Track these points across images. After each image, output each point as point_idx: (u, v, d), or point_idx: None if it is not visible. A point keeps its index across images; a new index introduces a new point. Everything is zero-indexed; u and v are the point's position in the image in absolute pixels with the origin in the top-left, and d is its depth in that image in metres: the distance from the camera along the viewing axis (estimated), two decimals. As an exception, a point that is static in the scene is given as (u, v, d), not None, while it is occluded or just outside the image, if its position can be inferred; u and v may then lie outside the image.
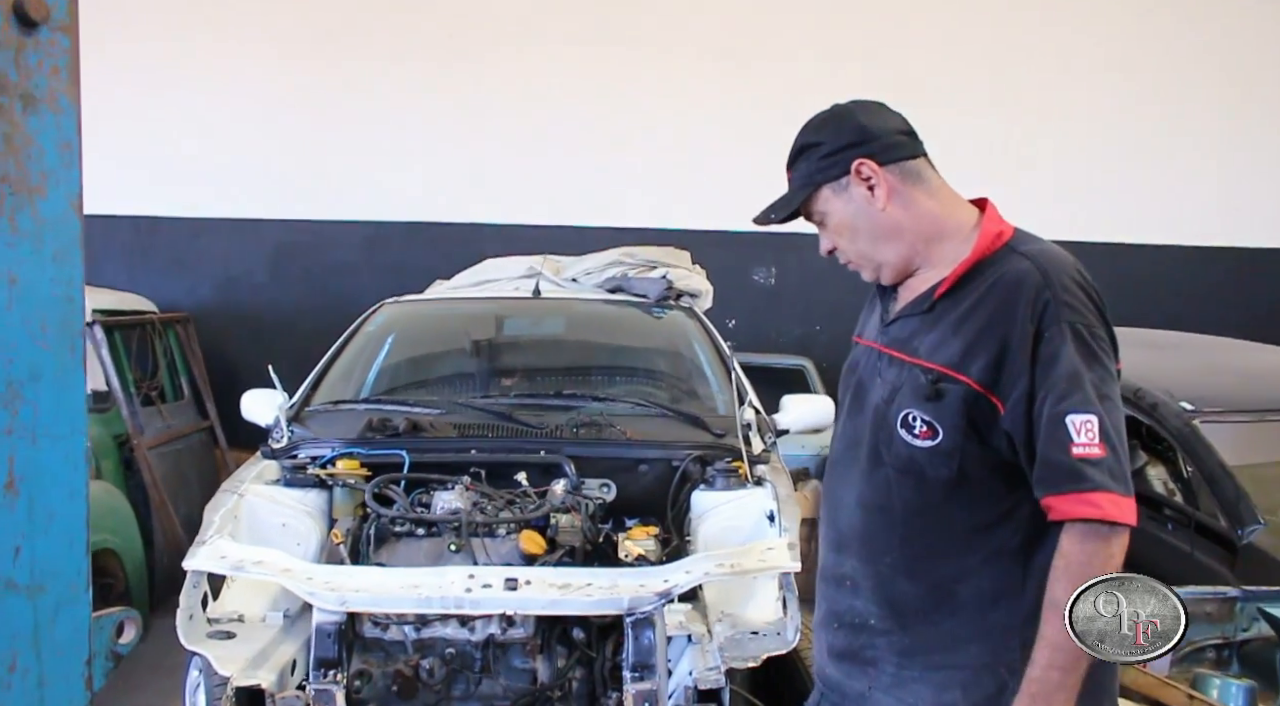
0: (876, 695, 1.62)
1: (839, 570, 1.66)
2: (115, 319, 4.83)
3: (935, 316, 1.56)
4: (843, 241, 1.64)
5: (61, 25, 1.09)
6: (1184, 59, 6.71)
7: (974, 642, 1.55)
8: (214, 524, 2.60)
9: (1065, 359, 1.44)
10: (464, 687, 2.51)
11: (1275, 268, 6.80)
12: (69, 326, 1.10)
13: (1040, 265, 1.50)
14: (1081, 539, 1.42)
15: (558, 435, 3.03)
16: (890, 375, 1.59)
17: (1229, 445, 4.57)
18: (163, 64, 6.28)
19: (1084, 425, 1.41)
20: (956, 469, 1.50)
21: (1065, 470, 1.41)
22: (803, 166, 1.63)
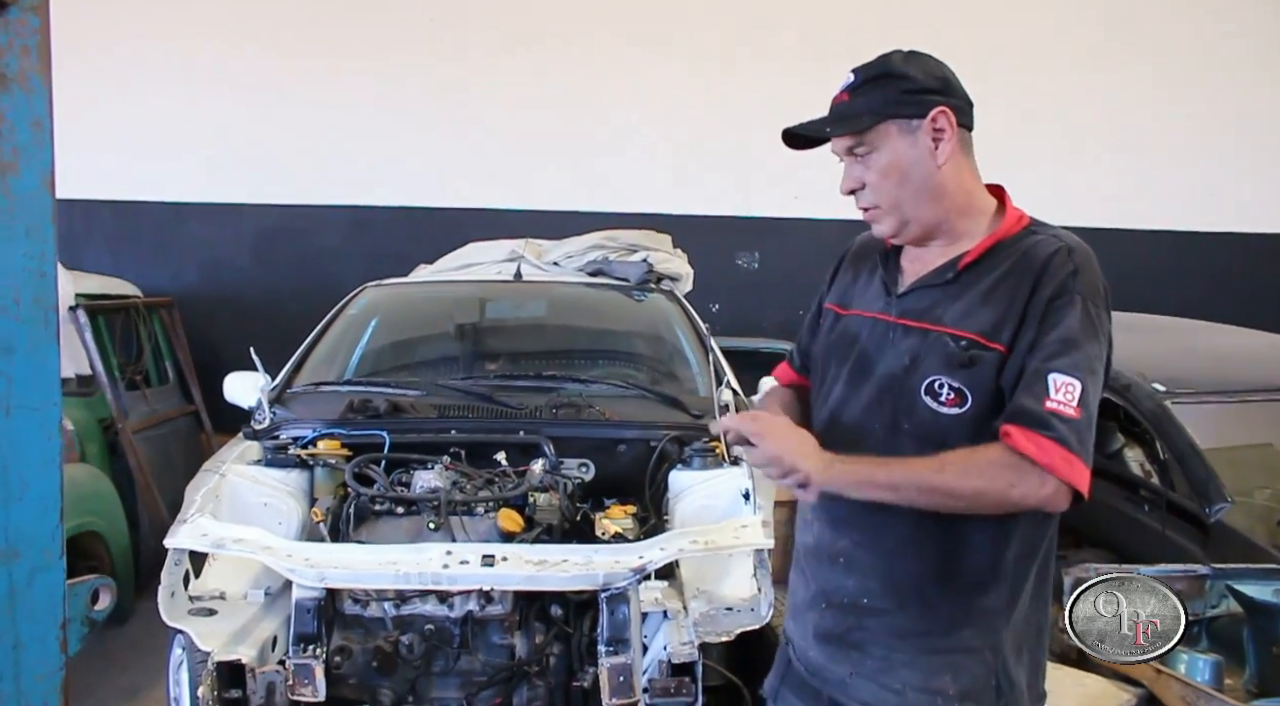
0: (858, 681, 1.60)
1: (835, 547, 1.63)
2: (99, 303, 4.83)
3: (960, 287, 1.56)
4: (886, 185, 1.57)
5: (31, 5, 1.11)
6: (1171, 42, 6.74)
7: (966, 626, 1.56)
8: (195, 503, 2.63)
9: (1066, 324, 1.47)
10: (443, 663, 2.55)
11: (1253, 252, 6.86)
12: (42, 301, 1.13)
13: (1068, 244, 1.54)
14: (1010, 466, 1.42)
15: (537, 416, 3.06)
16: (908, 344, 1.57)
17: (1205, 428, 4.64)
18: (146, 49, 6.25)
19: (1065, 385, 1.43)
20: (974, 435, 1.49)
21: (1034, 415, 1.43)
22: (875, 94, 1.56)
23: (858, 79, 1.58)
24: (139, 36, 6.26)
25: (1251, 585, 2.67)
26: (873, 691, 1.59)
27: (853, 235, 1.82)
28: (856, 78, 1.59)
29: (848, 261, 1.79)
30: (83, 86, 6.15)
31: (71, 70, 6.10)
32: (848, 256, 1.80)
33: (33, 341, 1.11)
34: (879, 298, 1.66)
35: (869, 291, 1.69)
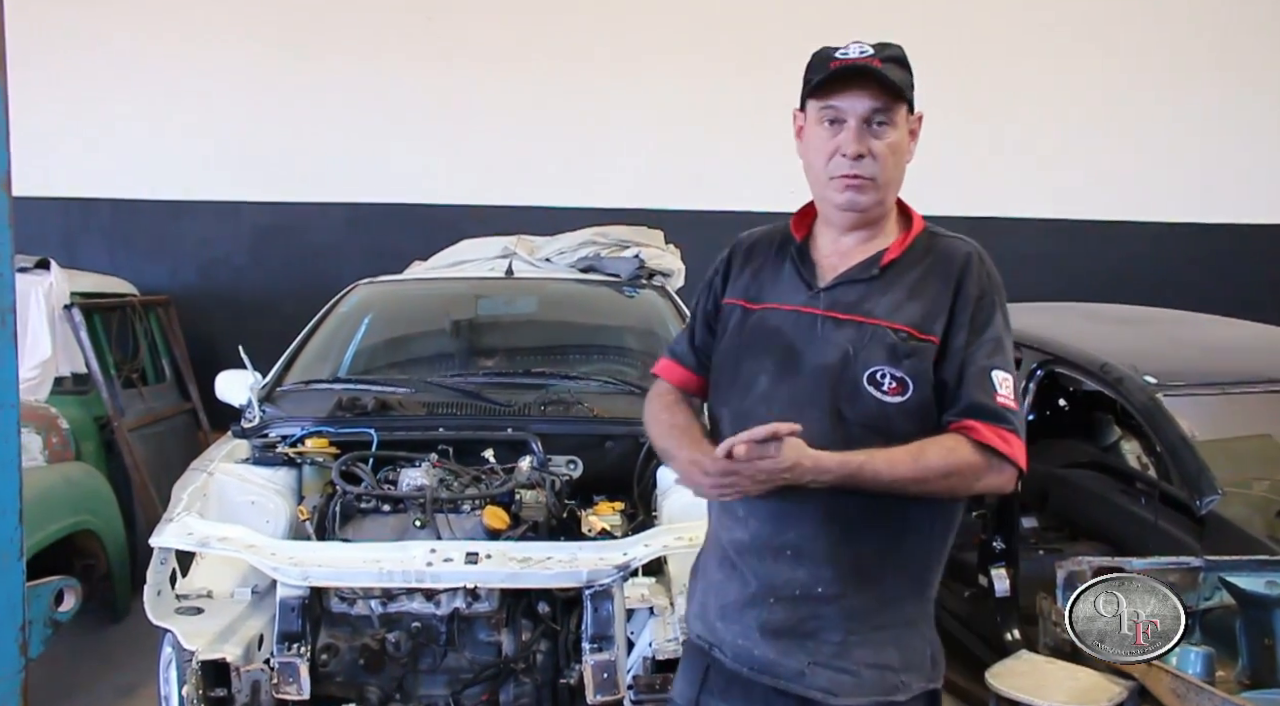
0: (816, 669, 1.62)
1: (779, 540, 1.63)
2: (95, 301, 4.84)
3: (886, 282, 1.65)
4: (889, 161, 1.64)
5: (-14, 9, 1.10)
6: (1165, 33, 6.72)
7: (908, 602, 1.65)
8: (182, 501, 2.65)
9: (995, 325, 1.63)
10: (430, 661, 2.56)
11: (1251, 244, 6.83)
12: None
13: (976, 249, 1.71)
14: (976, 456, 1.56)
15: (526, 413, 3.06)
16: (842, 336, 1.62)
17: (1203, 419, 4.62)
18: (143, 47, 6.25)
19: (1004, 380, 1.60)
20: (918, 424, 1.59)
21: (991, 410, 1.58)
22: (901, 74, 1.63)
23: (881, 53, 1.62)
24: (136, 35, 6.26)
25: (1244, 577, 2.66)
26: (830, 676, 1.61)
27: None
28: (878, 52, 1.62)
29: (738, 258, 1.80)
30: (79, 85, 6.17)
31: (68, 69, 6.14)
32: (737, 254, 1.82)
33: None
34: (798, 291, 1.70)
35: (781, 285, 1.72)
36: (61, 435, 4.16)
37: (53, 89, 6.01)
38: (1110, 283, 6.33)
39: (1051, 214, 6.71)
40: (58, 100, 6.04)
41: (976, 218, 6.63)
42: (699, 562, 1.83)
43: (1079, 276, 6.52)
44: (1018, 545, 3.48)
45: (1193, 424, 4.41)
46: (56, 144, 5.96)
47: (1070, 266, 6.62)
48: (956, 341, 1.60)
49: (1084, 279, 6.46)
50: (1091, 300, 5.05)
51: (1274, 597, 2.60)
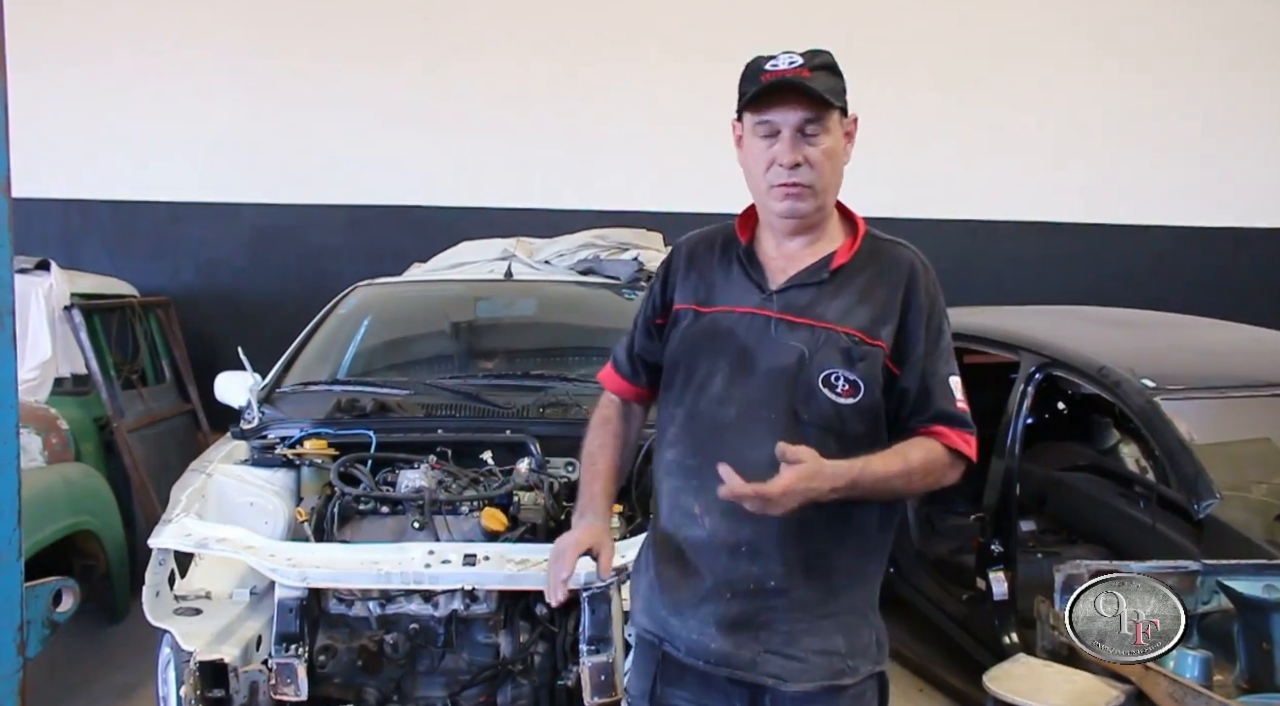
0: (767, 657, 1.69)
1: (734, 537, 1.68)
2: (95, 303, 4.84)
3: (835, 286, 1.71)
4: (826, 167, 1.68)
5: (-14, 12, 1.11)
6: (1166, 37, 6.73)
7: (850, 591, 1.72)
8: (181, 502, 2.65)
9: (945, 333, 1.74)
10: (428, 662, 2.57)
11: (1253, 247, 6.84)
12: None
13: (919, 255, 1.77)
14: (946, 456, 1.68)
15: (524, 415, 3.07)
16: (796, 339, 1.68)
17: (1203, 423, 4.62)
18: (143, 50, 6.27)
19: (957, 385, 1.72)
20: (871, 423, 1.68)
21: (956, 417, 1.70)
22: (830, 81, 1.67)
23: (810, 62, 1.66)
24: (136, 38, 6.27)
25: (1242, 581, 2.66)
26: (780, 663, 1.68)
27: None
28: (808, 61, 1.66)
29: (683, 263, 1.84)
30: (80, 87, 6.18)
31: (68, 71, 6.16)
32: (678, 259, 1.85)
33: (-11, 345, 1.12)
34: (749, 293, 1.74)
35: (732, 288, 1.76)
36: (61, 436, 4.16)
37: (53, 91, 6.03)
38: (1110, 286, 6.35)
39: (1051, 217, 6.72)
40: (58, 102, 6.05)
41: (976, 220, 6.66)
42: (642, 559, 1.87)
43: (1079, 280, 6.54)
44: (1016, 548, 3.48)
45: (1192, 428, 4.41)
46: (57, 145, 5.98)
47: (1070, 270, 6.64)
48: (915, 352, 1.69)
49: (1084, 282, 6.49)
50: (1091, 303, 5.06)
51: (1272, 601, 2.60)
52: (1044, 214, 6.71)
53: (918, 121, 6.51)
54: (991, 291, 6.14)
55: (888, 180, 6.57)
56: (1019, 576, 3.42)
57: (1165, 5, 6.74)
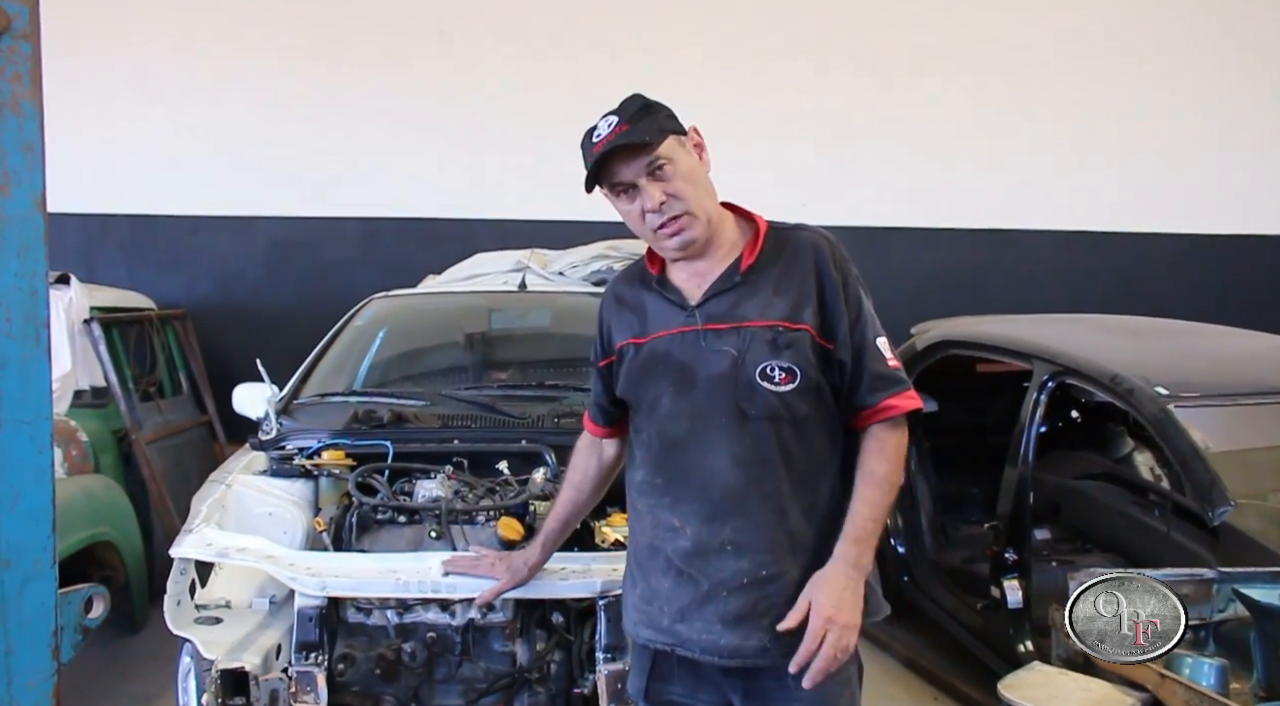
0: (774, 641, 1.76)
1: (717, 540, 1.79)
2: (113, 315, 4.90)
3: (749, 286, 1.82)
4: (689, 188, 1.78)
5: (23, 33, 1.15)
6: (1179, 45, 6.74)
7: (827, 549, 1.79)
8: (201, 513, 2.67)
9: (864, 300, 1.84)
10: (445, 671, 2.58)
11: (1266, 254, 6.82)
12: (34, 318, 1.17)
13: (821, 234, 1.87)
14: (894, 427, 1.81)
15: (539, 425, 3.09)
16: (726, 343, 1.79)
17: (1219, 431, 4.60)
18: (159, 64, 6.34)
19: (885, 345, 1.83)
20: (813, 402, 1.79)
21: (891, 378, 1.82)
22: (650, 119, 1.78)
23: (629, 112, 1.79)
24: (154, 53, 6.35)
25: (1258, 588, 2.65)
26: (789, 642, 1.74)
27: (861, 241, 1.92)
28: (622, 116, 1.79)
29: (613, 305, 1.99)
30: (98, 103, 6.25)
31: (87, 86, 6.23)
32: (608, 306, 2.00)
33: (24, 357, 1.15)
34: (674, 315, 1.85)
35: (659, 314, 1.88)
36: (81, 448, 4.20)
37: (72, 106, 6.10)
38: (1125, 294, 6.34)
39: (1064, 225, 6.72)
40: (77, 118, 6.12)
41: (989, 230, 6.67)
42: (633, 576, 1.94)
43: (1093, 288, 6.54)
44: (1030, 557, 3.48)
45: (1208, 435, 4.40)
46: (76, 160, 6.04)
47: (1084, 278, 6.64)
48: (841, 328, 1.79)
49: (1098, 290, 6.48)
50: (1105, 312, 5.06)
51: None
52: (1057, 222, 6.72)
53: (930, 131, 6.54)
54: (1005, 300, 6.14)
55: (901, 189, 6.60)
56: (1033, 584, 3.42)
57: (1177, 13, 6.75)
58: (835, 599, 1.70)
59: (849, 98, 6.38)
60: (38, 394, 1.16)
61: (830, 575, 1.73)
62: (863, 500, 1.76)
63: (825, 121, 6.35)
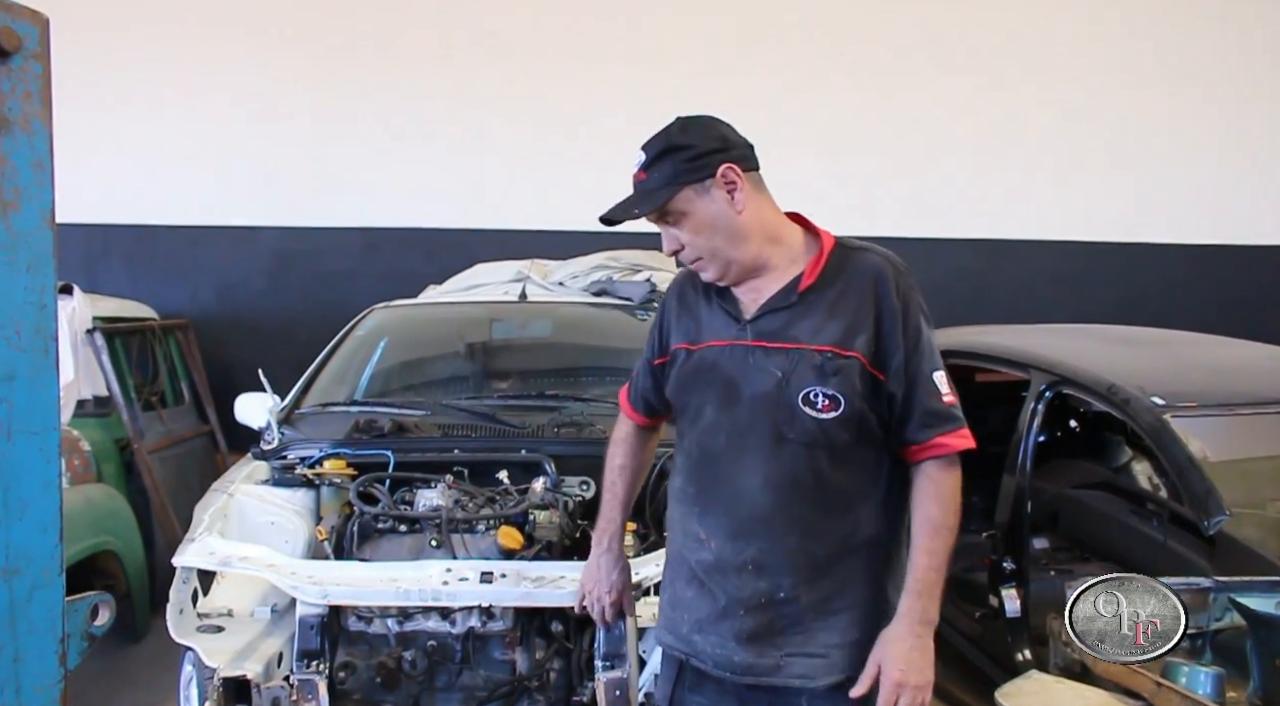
0: (790, 660, 1.77)
1: (739, 558, 1.77)
2: (116, 326, 4.93)
3: (805, 306, 1.76)
4: (700, 240, 1.75)
5: (33, 53, 1.17)
6: (1181, 56, 6.74)
7: (860, 584, 1.78)
8: (204, 522, 2.70)
9: (924, 330, 1.76)
10: (445, 679, 2.60)
11: (1267, 265, 6.83)
12: (42, 330, 1.19)
13: (885, 257, 1.80)
14: (948, 466, 1.75)
15: (539, 434, 3.11)
16: (773, 363, 1.75)
17: (1218, 441, 4.61)
18: (162, 75, 6.38)
19: (942, 379, 1.76)
20: (855, 432, 1.73)
21: (944, 414, 1.75)
22: (666, 168, 1.73)
23: (648, 157, 1.75)
24: (156, 63, 6.38)
25: (1255, 598, 2.67)
26: (804, 663, 1.76)
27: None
28: (646, 155, 1.76)
29: (675, 303, 1.95)
30: (101, 114, 6.29)
31: (89, 97, 6.25)
32: (670, 302, 1.96)
33: (33, 369, 1.17)
34: (728, 327, 1.82)
35: (714, 323, 1.85)
36: (83, 457, 4.23)
37: (74, 117, 6.13)
38: (1122, 304, 6.35)
39: (1062, 236, 6.73)
40: (79, 128, 6.15)
41: (986, 240, 6.69)
42: (666, 579, 1.96)
43: (1090, 298, 6.55)
44: (1028, 566, 3.49)
45: (1207, 445, 4.41)
46: (78, 171, 6.06)
47: (1082, 288, 6.65)
48: (895, 356, 1.73)
49: (1096, 300, 6.49)
50: (1103, 322, 5.07)
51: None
52: (1055, 232, 6.72)
53: (928, 141, 6.56)
54: (1002, 310, 6.16)
55: (899, 200, 6.62)
56: (1031, 593, 3.42)
57: (1176, 24, 6.77)
58: (904, 660, 1.67)
59: (846, 107, 6.41)
60: (46, 405, 1.18)
61: (897, 634, 1.70)
62: (922, 550, 1.71)
63: (822, 131, 6.36)
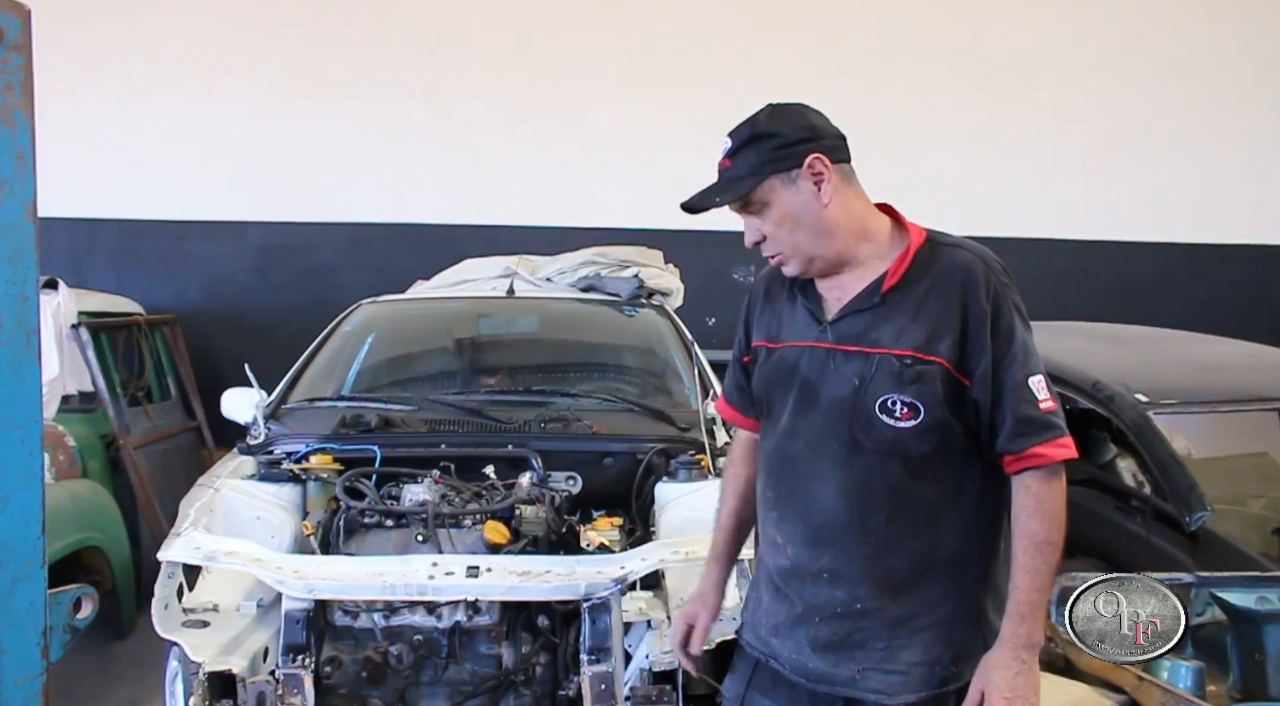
0: (867, 674, 1.70)
1: (815, 565, 1.72)
2: (101, 321, 4.90)
3: (888, 308, 1.67)
4: (782, 233, 1.69)
5: (15, 45, 1.17)
6: (1172, 56, 6.77)
7: (948, 600, 1.70)
8: (189, 517, 2.69)
9: (1018, 331, 1.65)
10: (431, 673, 2.60)
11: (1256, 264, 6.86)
12: (24, 323, 1.19)
13: (977, 254, 1.70)
14: (1048, 478, 1.63)
15: (526, 430, 3.11)
16: (852, 368, 1.68)
17: (1202, 438, 4.64)
18: (148, 69, 6.35)
19: (1040, 384, 1.64)
20: (935, 442, 1.64)
21: (1041, 422, 1.62)
22: (751, 156, 1.67)
23: (734, 144, 1.69)
24: (142, 57, 6.36)
25: (1235, 593, 2.69)
26: (881, 679, 1.70)
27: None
28: (732, 142, 1.70)
29: (760, 299, 1.87)
30: (87, 106, 6.26)
31: (75, 90, 6.22)
32: (756, 296, 1.89)
33: (14, 362, 1.17)
34: (810, 327, 1.75)
35: (796, 322, 1.78)
36: (69, 453, 4.21)
37: (60, 110, 6.10)
38: (1110, 302, 6.38)
39: (1049, 234, 6.75)
40: (65, 121, 6.12)
41: (975, 238, 6.69)
42: (754, 580, 1.92)
43: (1080, 296, 6.56)
44: (1012, 561, 3.51)
45: (1191, 442, 4.44)
46: (64, 165, 6.04)
47: (1069, 286, 6.65)
48: (982, 361, 1.62)
49: (1083, 298, 6.51)
50: (1092, 320, 5.10)
51: (1264, 613, 2.63)
52: (1041, 230, 6.74)
53: (913, 138, 6.57)
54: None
55: (882, 197, 6.63)
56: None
57: (1167, 23, 6.78)
58: (1008, 686, 1.59)
59: (829, 104, 6.38)
60: (28, 397, 1.18)
61: (1001, 660, 1.61)
62: (1024, 569, 1.61)
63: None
